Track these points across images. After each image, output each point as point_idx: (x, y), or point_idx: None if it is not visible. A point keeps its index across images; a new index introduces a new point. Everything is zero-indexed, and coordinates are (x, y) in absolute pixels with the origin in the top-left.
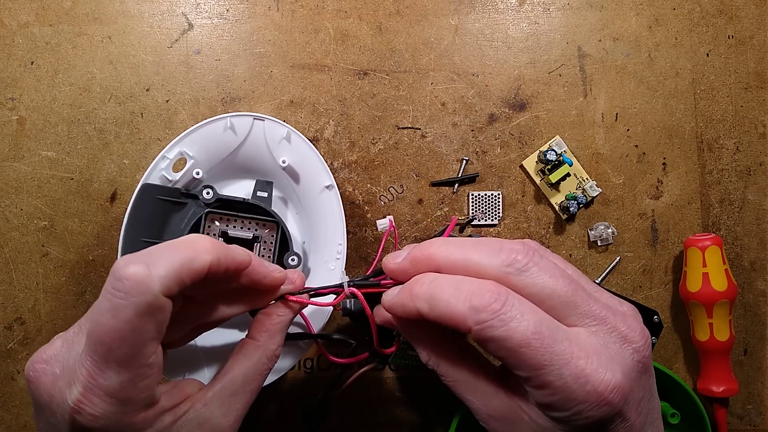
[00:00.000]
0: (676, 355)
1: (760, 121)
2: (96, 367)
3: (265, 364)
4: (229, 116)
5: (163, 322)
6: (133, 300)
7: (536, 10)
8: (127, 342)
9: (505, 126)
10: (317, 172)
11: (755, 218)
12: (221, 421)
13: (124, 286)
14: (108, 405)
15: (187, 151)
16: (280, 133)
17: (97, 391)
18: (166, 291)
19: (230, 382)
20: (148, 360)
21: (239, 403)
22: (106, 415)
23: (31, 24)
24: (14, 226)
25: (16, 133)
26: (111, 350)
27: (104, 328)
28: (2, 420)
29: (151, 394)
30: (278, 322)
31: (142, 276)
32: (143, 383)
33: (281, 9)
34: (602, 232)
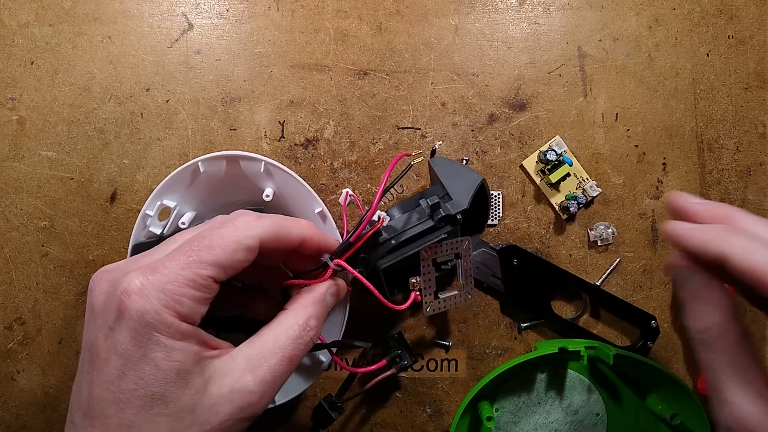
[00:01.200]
0: (676, 355)
1: (760, 121)
2: (166, 259)
3: (296, 331)
4: (199, 160)
5: (242, 261)
6: (239, 229)
7: (536, 10)
8: (212, 251)
9: (505, 126)
10: (306, 199)
11: None
12: (246, 377)
13: (237, 222)
14: (153, 289)
15: (168, 203)
16: (257, 167)
17: (151, 276)
18: (261, 240)
19: (259, 342)
20: (208, 278)
21: (266, 365)
22: (148, 299)
23: (31, 24)
24: (14, 226)
25: (16, 133)
26: (192, 249)
27: (202, 236)
28: (2, 420)
29: (192, 309)
30: (309, 295)
31: (254, 219)
32: (191, 292)
33: (281, 9)
34: (602, 232)
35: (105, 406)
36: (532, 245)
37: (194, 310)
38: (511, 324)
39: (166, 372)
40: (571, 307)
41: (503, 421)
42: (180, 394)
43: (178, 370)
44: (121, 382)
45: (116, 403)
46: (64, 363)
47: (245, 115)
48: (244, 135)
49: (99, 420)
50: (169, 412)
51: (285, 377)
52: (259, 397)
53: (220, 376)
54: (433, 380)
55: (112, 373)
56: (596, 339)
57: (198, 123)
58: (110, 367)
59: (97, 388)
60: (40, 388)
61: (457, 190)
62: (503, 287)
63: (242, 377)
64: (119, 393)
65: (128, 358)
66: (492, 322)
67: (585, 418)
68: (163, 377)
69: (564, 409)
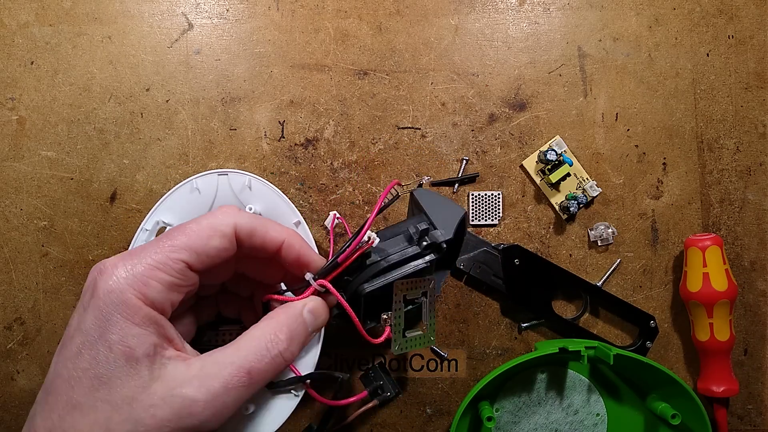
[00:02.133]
0: (676, 355)
1: (760, 121)
2: (144, 245)
3: (261, 343)
4: (194, 178)
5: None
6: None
7: (536, 10)
8: (185, 236)
9: (505, 126)
10: (284, 211)
11: (755, 218)
12: (192, 383)
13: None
14: (123, 270)
15: (164, 220)
16: (243, 181)
17: (124, 258)
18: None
19: (220, 352)
20: (180, 261)
21: (219, 373)
22: (116, 279)
23: (31, 24)
24: (14, 226)
25: (16, 133)
26: (167, 236)
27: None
28: (2, 420)
29: (160, 294)
30: (281, 309)
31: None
32: (161, 275)
33: (281, 9)
34: (602, 232)
35: (59, 382)
36: (532, 245)
37: (164, 296)
38: (511, 324)
39: (116, 355)
40: (571, 307)
41: (503, 421)
42: (124, 383)
43: (127, 356)
44: (77, 360)
45: (69, 380)
46: None
47: (245, 115)
48: (244, 135)
49: (52, 396)
50: (111, 399)
51: (241, 392)
52: (203, 408)
53: (167, 378)
54: (433, 380)
55: (72, 350)
56: (596, 339)
57: (198, 123)
58: (73, 345)
59: (58, 364)
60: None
61: (441, 221)
62: (504, 287)
63: (188, 383)
64: (73, 371)
65: (88, 336)
66: (492, 322)
67: (585, 418)
68: (113, 360)
69: (564, 409)
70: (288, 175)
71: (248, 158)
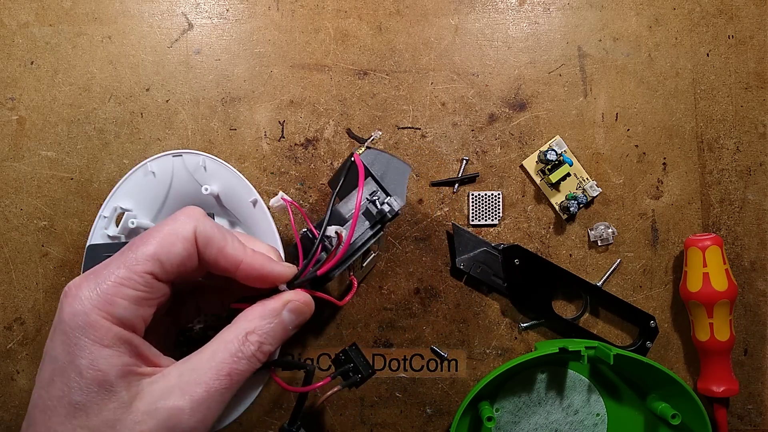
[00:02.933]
0: (676, 355)
1: (760, 121)
2: (108, 261)
3: (235, 345)
4: (149, 161)
5: (182, 256)
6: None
7: (536, 10)
8: (147, 245)
9: (505, 126)
10: (241, 190)
11: (755, 218)
12: (174, 393)
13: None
14: (86, 290)
15: (122, 205)
16: (198, 162)
17: (88, 278)
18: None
19: (196, 358)
20: (144, 273)
21: (200, 380)
22: (81, 300)
23: (31, 24)
24: (14, 226)
25: (16, 133)
26: (129, 249)
27: (143, 235)
28: (2, 420)
29: (128, 310)
30: (255, 307)
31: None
32: (126, 291)
33: (281, 9)
34: (602, 232)
35: (36, 413)
36: (532, 245)
37: (133, 313)
38: (511, 324)
39: (88, 381)
40: (571, 307)
41: (503, 421)
42: (102, 407)
43: (100, 381)
44: (50, 388)
45: (44, 410)
46: None
47: (245, 115)
48: (244, 135)
49: (32, 428)
50: (90, 425)
51: (224, 395)
52: (190, 415)
53: (147, 393)
54: (433, 380)
55: (44, 378)
56: (596, 339)
57: (198, 123)
58: (44, 372)
59: (34, 394)
60: None
61: (392, 184)
62: (504, 287)
63: (171, 393)
64: (48, 400)
65: (57, 363)
66: (492, 322)
67: (585, 418)
68: (86, 386)
69: (564, 409)
70: (288, 175)
71: (248, 158)
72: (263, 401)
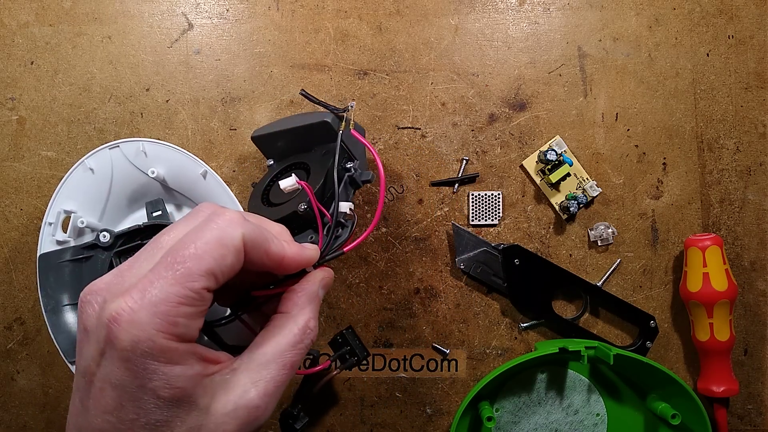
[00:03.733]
0: (676, 355)
1: (760, 121)
2: (151, 275)
3: (296, 336)
4: (85, 158)
5: (233, 265)
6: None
7: (536, 10)
8: (201, 260)
9: (505, 126)
10: (188, 164)
11: (755, 218)
12: (250, 392)
13: (220, 221)
14: (145, 314)
15: (65, 208)
16: (137, 148)
17: (139, 299)
18: (246, 241)
19: (260, 353)
20: (201, 290)
21: (269, 375)
22: (141, 325)
23: (31, 24)
24: (14, 226)
25: (16, 133)
26: (177, 261)
27: (186, 243)
28: (2, 420)
29: (188, 326)
30: (303, 294)
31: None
32: (186, 310)
33: (281, 9)
34: (602, 232)
35: None
36: (532, 245)
37: (191, 327)
38: (511, 324)
39: (167, 400)
40: (572, 307)
41: (503, 421)
42: (185, 418)
43: (180, 397)
44: (120, 413)
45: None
46: (63, 363)
47: (245, 115)
48: (244, 135)
49: None
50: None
51: (286, 384)
52: (264, 410)
53: (223, 393)
54: (433, 380)
55: (109, 404)
56: (596, 339)
57: (198, 123)
58: (106, 398)
59: (95, 418)
60: (40, 388)
61: (356, 150)
62: (504, 287)
63: (246, 392)
64: (119, 423)
65: (124, 389)
66: (492, 322)
67: (585, 418)
68: (165, 405)
69: (564, 409)
70: None
71: (248, 158)
72: None
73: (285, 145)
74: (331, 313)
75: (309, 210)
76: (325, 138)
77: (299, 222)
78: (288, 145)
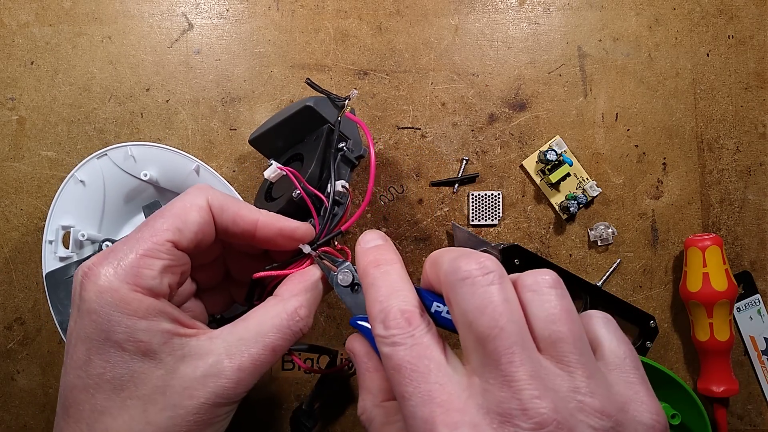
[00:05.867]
0: (676, 355)
1: (760, 121)
2: (123, 239)
3: (283, 320)
4: (74, 171)
5: (199, 224)
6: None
7: (536, 10)
8: (164, 218)
9: (505, 126)
10: (180, 163)
11: (755, 218)
12: (223, 362)
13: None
14: (110, 268)
15: (63, 224)
16: (125, 153)
17: (107, 255)
18: (211, 203)
19: (242, 327)
20: (165, 242)
21: (246, 353)
22: (106, 277)
23: (31, 24)
24: (14, 226)
25: (16, 133)
26: (145, 224)
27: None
28: (2, 420)
29: (155, 280)
30: (299, 281)
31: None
32: (150, 261)
33: (281, 9)
34: (602, 232)
35: (76, 393)
36: (532, 245)
37: (159, 281)
38: None
39: (131, 353)
40: None
41: None
42: (149, 375)
43: (144, 351)
44: (88, 367)
45: (86, 389)
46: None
47: (245, 115)
48: (244, 135)
49: (72, 408)
50: (140, 394)
51: (266, 366)
52: (236, 384)
53: (194, 357)
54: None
55: (80, 358)
56: None
57: (198, 123)
58: (78, 353)
59: (69, 375)
60: (40, 388)
61: (346, 130)
62: None
63: (219, 362)
64: (87, 378)
65: (92, 342)
66: None
67: None
68: (129, 358)
69: None
70: None
71: (248, 158)
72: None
73: (280, 141)
74: (331, 313)
75: (299, 197)
76: (314, 125)
77: (300, 211)
78: (283, 140)
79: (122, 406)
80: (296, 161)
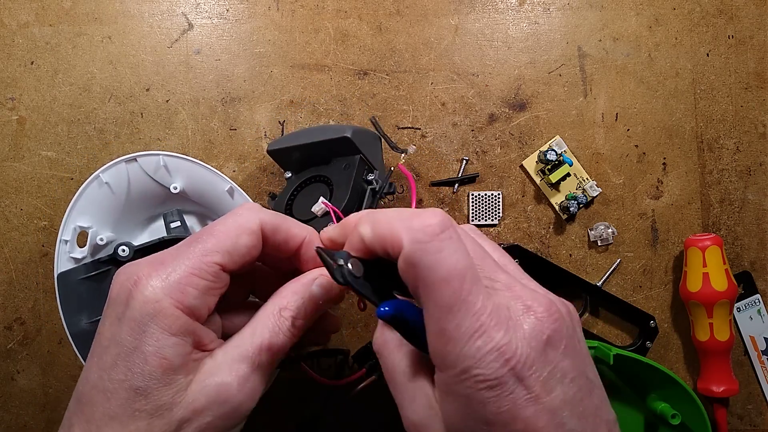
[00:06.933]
0: (676, 355)
1: (760, 121)
2: (174, 251)
3: (270, 320)
4: (100, 172)
5: (247, 247)
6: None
7: (536, 10)
8: (217, 239)
9: (505, 126)
10: (212, 181)
11: (755, 218)
12: (221, 370)
13: (239, 210)
14: (159, 280)
15: (80, 224)
16: (156, 162)
17: (158, 267)
18: (263, 227)
19: (238, 336)
20: (214, 264)
21: (242, 357)
22: (153, 288)
23: (31, 24)
24: (14, 226)
25: (16, 133)
26: (197, 240)
27: (209, 228)
28: (2, 420)
29: (198, 300)
30: (289, 283)
31: (256, 207)
32: (197, 281)
33: (281, 9)
34: (602, 232)
35: (94, 393)
36: (532, 245)
37: (201, 302)
38: None
39: (152, 367)
40: None
41: None
42: (162, 393)
43: (165, 368)
44: (112, 372)
45: (104, 392)
46: (64, 363)
47: (245, 115)
48: (244, 135)
49: (87, 407)
50: (149, 408)
51: (266, 368)
52: (237, 390)
53: (200, 374)
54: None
55: (107, 361)
56: (596, 339)
57: (198, 123)
58: (108, 355)
59: (93, 374)
60: (40, 388)
61: (375, 160)
62: None
63: (218, 371)
64: (108, 382)
65: (123, 347)
66: None
67: None
68: (149, 372)
69: None
70: None
71: (248, 158)
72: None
73: (302, 157)
74: None
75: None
76: (345, 150)
77: None
78: (305, 158)
79: (131, 416)
80: (322, 183)
